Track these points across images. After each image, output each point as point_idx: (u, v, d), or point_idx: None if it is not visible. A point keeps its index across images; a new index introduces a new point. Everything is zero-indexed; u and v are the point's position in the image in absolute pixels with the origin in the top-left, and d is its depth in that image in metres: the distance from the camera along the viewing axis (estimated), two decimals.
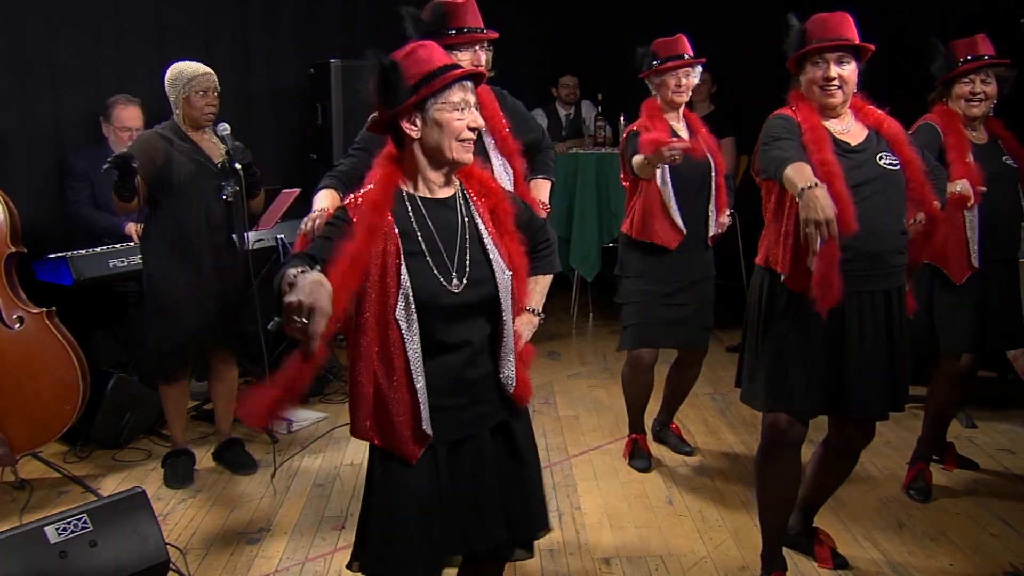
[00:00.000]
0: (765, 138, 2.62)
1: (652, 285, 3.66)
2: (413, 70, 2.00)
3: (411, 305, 1.98)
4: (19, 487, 3.69)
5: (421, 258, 2.02)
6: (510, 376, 2.13)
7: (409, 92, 1.99)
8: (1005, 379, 4.61)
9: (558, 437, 4.28)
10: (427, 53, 2.03)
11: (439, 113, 2.01)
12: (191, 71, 3.59)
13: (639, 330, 3.70)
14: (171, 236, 3.60)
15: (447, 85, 2.00)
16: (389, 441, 2.03)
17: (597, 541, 3.27)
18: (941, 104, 3.41)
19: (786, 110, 2.68)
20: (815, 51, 2.60)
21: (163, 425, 4.08)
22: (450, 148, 2.03)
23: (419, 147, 2.05)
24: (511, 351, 2.13)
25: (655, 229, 3.60)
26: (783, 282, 2.63)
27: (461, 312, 2.05)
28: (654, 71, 3.61)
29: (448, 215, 2.09)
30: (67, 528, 2.60)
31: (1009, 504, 3.48)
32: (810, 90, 2.65)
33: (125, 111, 4.48)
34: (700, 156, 3.63)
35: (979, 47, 3.32)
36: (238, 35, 5.62)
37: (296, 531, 3.37)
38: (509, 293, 2.10)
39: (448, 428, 2.07)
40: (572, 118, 6.81)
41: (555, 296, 6.94)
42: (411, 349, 1.99)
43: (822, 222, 2.26)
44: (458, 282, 2.04)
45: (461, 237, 2.08)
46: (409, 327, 1.98)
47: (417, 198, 2.08)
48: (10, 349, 3.57)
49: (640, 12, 7.04)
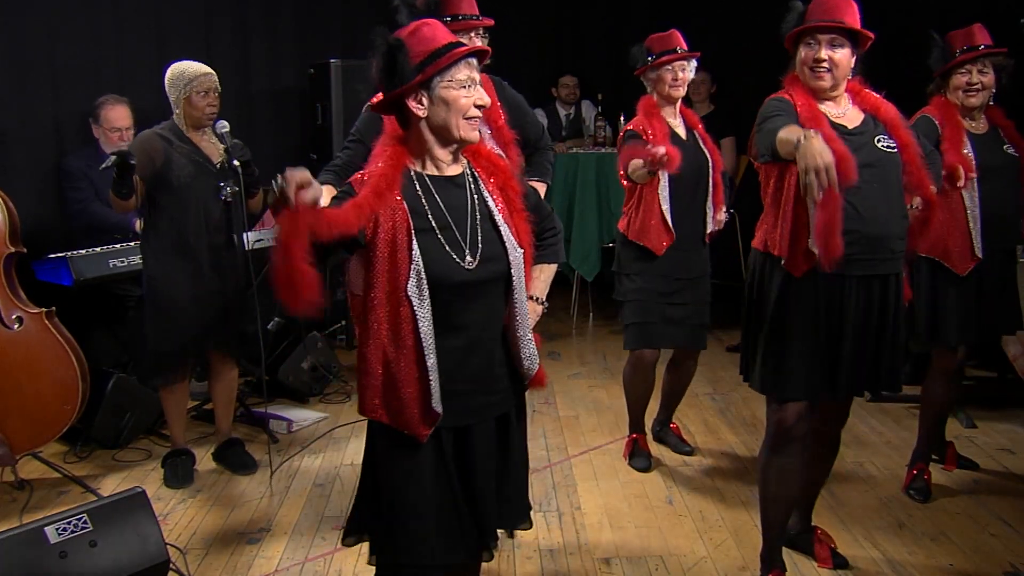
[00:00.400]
0: (760, 119, 2.60)
1: (650, 283, 3.65)
2: (418, 48, 1.99)
3: (423, 281, 1.97)
4: (19, 487, 3.69)
5: (432, 235, 2.02)
6: (532, 356, 2.15)
7: (415, 70, 1.99)
8: (1005, 379, 4.61)
9: (558, 437, 4.28)
10: (431, 31, 2.03)
11: (445, 91, 2.00)
12: (192, 71, 3.58)
13: (641, 329, 3.69)
14: (170, 236, 3.60)
15: (453, 63, 2.00)
16: (398, 418, 2.02)
17: (597, 541, 3.27)
18: (939, 96, 3.40)
19: (782, 93, 2.66)
20: (809, 31, 2.58)
21: (163, 425, 4.08)
22: (457, 126, 2.03)
23: (426, 126, 2.04)
24: (528, 329, 2.13)
25: (649, 233, 3.60)
26: (782, 265, 2.62)
27: (474, 290, 2.04)
28: (650, 66, 3.60)
29: (458, 193, 2.09)
30: (67, 528, 2.60)
31: (1009, 504, 3.48)
32: (802, 70, 2.63)
33: (114, 111, 4.47)
34: (697, 154, 3.63)
35: (976, 37, 3.31)
36: (238, 35, 5.62)
37: (296, 531, 3.37)
38: (521, 270, 2.11)
39: (456, 414, 2.06)
40: (572, 118, 6.81)
41: (555, 296, 6.93)
42: (423, 326, 1.98)
43: (821, 168, 2.19)
44: (471, 259, 2.03)
45: (472, 214, 2.08)
46: (421, 303, 1.97)
47: (425, 176, 2.07)
48: (10, 349, 3.57)
49: (640, 12, 7.04)
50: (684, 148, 3.55)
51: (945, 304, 3.39)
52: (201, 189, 3.59)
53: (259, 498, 3.66)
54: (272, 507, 3.58)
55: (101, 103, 4.48)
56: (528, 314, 2.15)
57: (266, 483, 3.77)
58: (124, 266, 4.10)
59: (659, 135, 3.50)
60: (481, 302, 2.07)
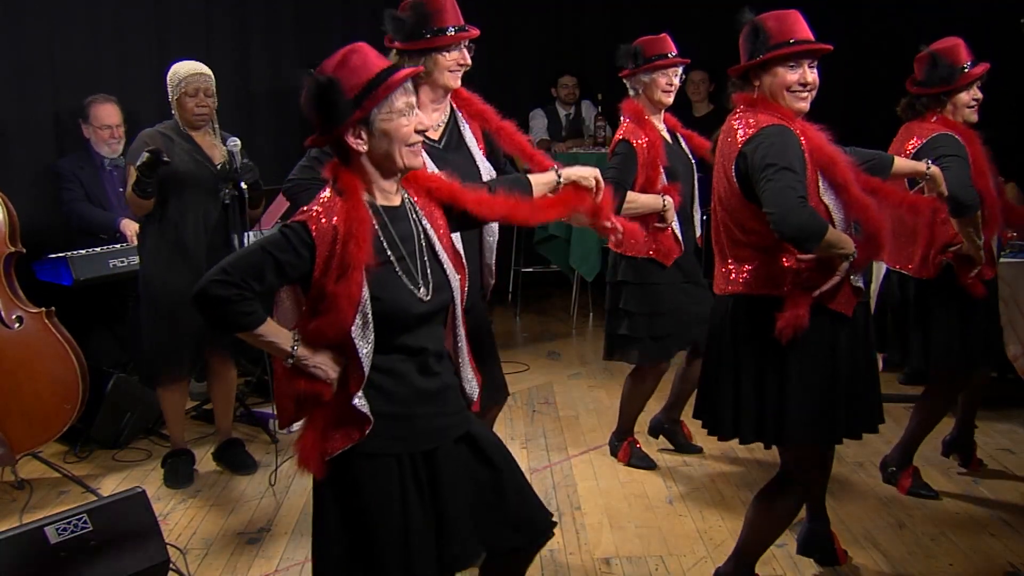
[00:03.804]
0: (773, 159, 2.36)
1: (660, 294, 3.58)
2: (352, 81, 1.92)
3: (369, 322, 1.94)
4: (19, 487, 3.69)
5: (390, 268, 1.99)
6: (470, 380, 2.16)
7: (351, 106, 1.91)
8: (1005, 379, 4.60)
9: (558, 437, 4.28)
10: (361, 59, 1.95)
11: (386, 123, 1.94)
12: (183, 71, 3.58)
13: (660, 343, 3.62)
14: (169, 236, 3.59)
15: (391, 92, 1.94)
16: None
17: (597, 541, 3.27)
18: (936, 113, 3.25)
19: (776, 120, 2.45)
20: (794, 54, 2.45)
21: (163, 425, 4.08)
22: (400, 155, 1.98)
23: (367, 159, 1.99)
24: (467, 354, 2.15)
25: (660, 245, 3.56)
26: (830, 308, 2.47)
27: (426, 320, 2.04)
28: (643, 69, 3.52)
29: (404, 224, 2.05)
30: (67, 528, 2.59)
31: (1009, 504, 3.48)
32: (780, 94, 2.49)
33: (102, 109, 4.46)
34: (684, 158, 3.63)
35: (969, 53, 3.22)
36: (238, 35, 5.62)
37: (296, 531, 3.37)
38: (460, 297, 2.11)
39: (421, 436, 2.05)
40: (572, 118, 6.81)
41: (555, 296, 6.95)
42: (365, 364, 1.97)
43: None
44: (425, 291, 2.02)
45: (418, 245, 2.05)
46: (364, 343, 1.95)
47: (379, 207, 2.03)
48: (9, 349, 3.57)
49: (640, 12, 7.03)
50: (672, 154, 3.56)
51: (977, 328, 3.33)
52: (201, 189, 3.59)
53: (259, 498, 3.66)
54: (272, 507, 3.58)
55: (89, 102, 4.47)
56: (464, 337, 2.15)
57: (266, 483, 3.77)
58: (124, 266, 4.10)
59: (655, 146, 3.49)
60: (430, 329, 2.06)
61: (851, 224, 2.50)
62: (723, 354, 2.59)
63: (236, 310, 1.92)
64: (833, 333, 2.49)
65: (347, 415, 1.99)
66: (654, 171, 3.49)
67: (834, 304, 2.47)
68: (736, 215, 2.51)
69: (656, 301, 3.59)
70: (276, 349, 1.99)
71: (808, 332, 2.43)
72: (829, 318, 2.47)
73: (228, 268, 1.91)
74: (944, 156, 3.07)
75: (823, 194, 2.44)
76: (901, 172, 2.95)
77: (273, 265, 1.91)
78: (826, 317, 2.47)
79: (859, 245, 2.42)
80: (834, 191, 2.45)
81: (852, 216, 2.48)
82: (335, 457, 1.99)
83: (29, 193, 4.38)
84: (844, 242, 2.39)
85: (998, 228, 3.29)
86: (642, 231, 3.14)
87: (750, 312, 2.52)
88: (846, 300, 2.49)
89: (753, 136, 2.43)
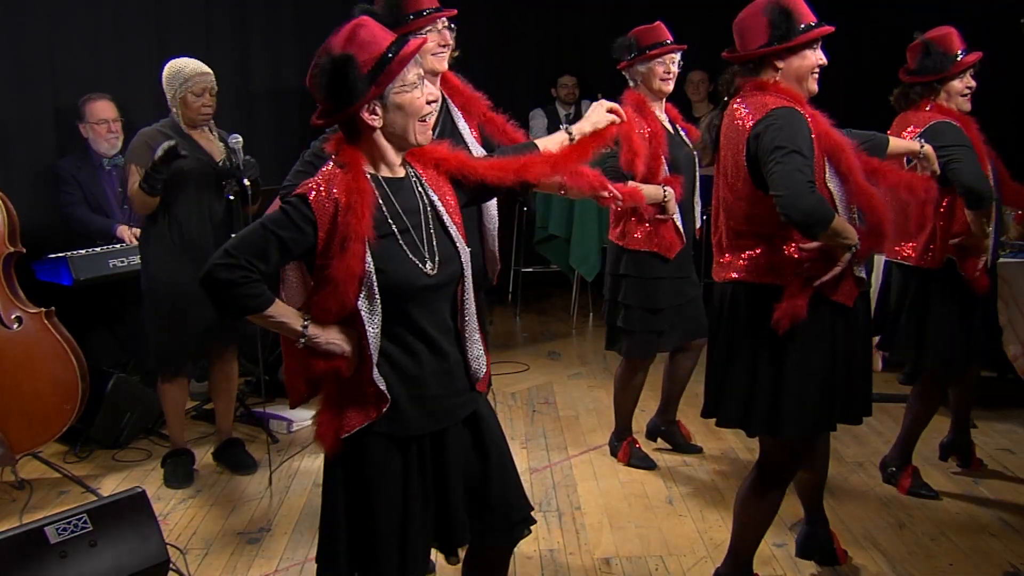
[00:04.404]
0: (782, 141, 2.34)
1: (656, 289, 3.59)
2: (363, 57, 1.90)
3: (375, 295, 1.94)
4: (19, 487, 3.69)
5: (394, 240, 1.98)
6: (479, 357, 2.12)
7: (367, 81, 1.90)
8: (1005, 379, 4.61)
9: (558, 437, 4.28)
10: (369, 33, 1.95)
11: (399, 96, 1.94)
12: (188, 71, 3.56)
13: (645, 339, 3.64)
14: (172, 234, 3.60)
15: (404, 66, 1.93)
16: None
17: (597, 541, 3.27)
18: (930, 101, 3.26)
19: (786, 103, 2.43)
20: (816, 37, 2.44)
21: (163, 425, 4.08)
22: (414, 131, 1.98)
23: (380, 134, 1.98)
24: (476, 330, 2.12)
25: (661, 238, 3.56)
26: (831, 299, 2.46)
27: (433, 293, 2.02)
28: (640, 59, 3.52)
29: (409, 195, 2.04)
30: (67, 528, 2.59)
31: (1009, 504, 3.48)
32: (806, 76, 2.47)
33: (97, 105, 4.45)
34: (685, 149, 3.62)
35: (960, 41, 3.23)
36: (238, 35, 5.62)
37: (296, 531, 3.37)
38: (470, 270, 2.09)
39: (431, 418, 2.04)
40: (572, 118, 6.80)
41: (555, 296, 6.95)
42: (371, 339, 1.96)
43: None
44: (431, 264, 2.00)
45: (424, 217, 2.03)
46: (372, 317, 1.95)
47: (381, 179, 2.02)
48: (9, 349, 3.57)
49: (640, 12, 7.01)
50: (674, 145, 3.54)
51: (975, 322, 3.34)
52: (202, 186, 3.59)
53: (259, 498, 3.66)
54: (272, 507, 3.58)
55: (84, 100, 4.46)
56: (474, 313, 2.12)
57: (266, 483, 3.77)
58: (124, 266, 4.10)
59: (657, 136, 3.48)
60: (438, 305, 2.05)
61: (854, 212, 2.49)
62: (718, 340, 2.60)
63: (243, 292, 1.91)
64: (833, 325, 2.49)
65: (364, 393, 1.99)
66: (656, 162, 3.47)
67: (836, 295, 2.46)
68: (742, 199, 2.50)
69: (654, 298, 3.60)
70: (287, 329, 1.98)
71: (808, 323, 2.43)
72: (830, 308, 2.47)
73: (232, 250, 1.91)
74: (949, 146, 3.06)
75: (828, 181, 2.44)
76: (897, 152, 2.95)
77: (276, 243, 1.91)
78: (827, 308, 2.47)
79: (862, 235, 2.42)
80: (839, 178, 2.45)
81: (855, 204, 2.48)
82: (350, 436, 2.00)
83: (29, 193, 4.38)
84: (849, 232, 2.38)
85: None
86: (641, 194, 3.12)
87: (750, 300, 2.52)
88: (848, 291, 2.48)
89: (763, 118, 2.41)
